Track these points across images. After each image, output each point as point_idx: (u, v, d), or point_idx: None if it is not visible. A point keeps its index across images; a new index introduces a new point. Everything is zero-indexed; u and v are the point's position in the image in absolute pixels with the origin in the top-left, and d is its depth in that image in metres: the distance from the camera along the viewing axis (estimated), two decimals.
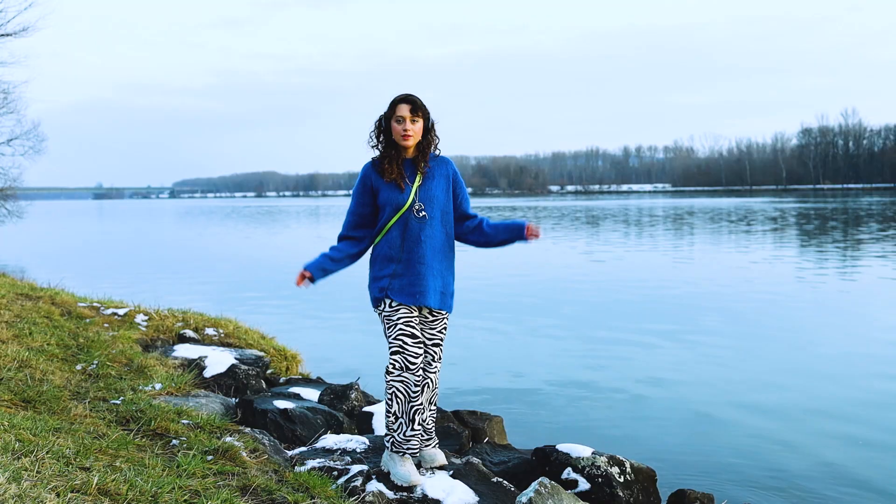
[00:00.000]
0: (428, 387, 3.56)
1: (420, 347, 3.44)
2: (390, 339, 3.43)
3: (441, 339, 3.57)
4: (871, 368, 7.59)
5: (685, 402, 6.54)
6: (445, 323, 3.59)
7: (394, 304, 3.44)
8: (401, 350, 3.41)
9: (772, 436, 5.66)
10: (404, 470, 3.46)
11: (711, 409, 6.36)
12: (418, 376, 3.45)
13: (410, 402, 3.46)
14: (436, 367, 3.57)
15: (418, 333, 3.45)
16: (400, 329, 3.41)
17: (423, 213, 3.45)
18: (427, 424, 3.65)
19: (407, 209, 3.44)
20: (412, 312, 3.46)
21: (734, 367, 7.73)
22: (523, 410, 6.37)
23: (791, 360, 7.97)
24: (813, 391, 6.84)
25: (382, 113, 3.52)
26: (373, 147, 3.55)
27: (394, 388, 3.44)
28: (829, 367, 7.66)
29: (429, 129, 3.51)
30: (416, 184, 3.47)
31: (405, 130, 3.41)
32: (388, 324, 3.45)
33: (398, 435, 3.50)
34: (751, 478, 4.87)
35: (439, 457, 3.67)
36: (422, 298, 3.44)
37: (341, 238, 3.59)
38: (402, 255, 3.46)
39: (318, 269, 3.48)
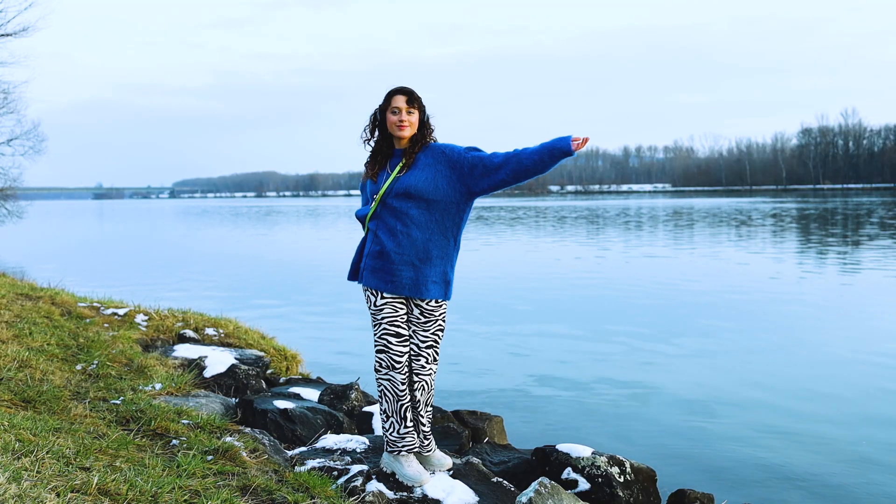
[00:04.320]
0: (424, 389, 3.51)
1: (405, 346, 3.44)
2: (376, 338, 3.46)
3: (435, 342, 3.49)
4: (872, 368, 7.59)
5: (685, 402, 6.54)
6: (441, 325, 3.49)
7: (378, 303, 3.42)
8: (386, 349, 3.43)
9: (772, 436, 5.67)
10: (412, 470, 3.47)
11: (711, 409, 6.36)
12: (404, 374, 3.45)
13: (399, 400, 3.46)
14: (430, 369, 3.51)
15: (404, 332, 3.44)
16: (384, 329, 3.42)
17: (395, 205, 3.39)
18: (423, 427, 3.58)
19: (381, 199, 3.43)
20: (397, 312, 3.42)
21: (734, 367, 7.73)
22: (523, 410, 6.37)
23: (791, 360, 7.98)
24: (813, 391, 6.84)
25: (378, 105, 3.48)
26: (365, 141, 3.53)
27: (382, 387, 3.49)
28: (830, 367, 7.67)
29: (424, 123, 3.47)
30: (395, 174, 3.42)
31: (401, 121, 3.38)
32: (373, 321, 3.47)
33: (391, 434, 3.50)
34: (751, 478, 4.88)
35: (447, 461, 3.65)
36: (393, 287, 3.40)
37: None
38: (376, 241, 3.44)
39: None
